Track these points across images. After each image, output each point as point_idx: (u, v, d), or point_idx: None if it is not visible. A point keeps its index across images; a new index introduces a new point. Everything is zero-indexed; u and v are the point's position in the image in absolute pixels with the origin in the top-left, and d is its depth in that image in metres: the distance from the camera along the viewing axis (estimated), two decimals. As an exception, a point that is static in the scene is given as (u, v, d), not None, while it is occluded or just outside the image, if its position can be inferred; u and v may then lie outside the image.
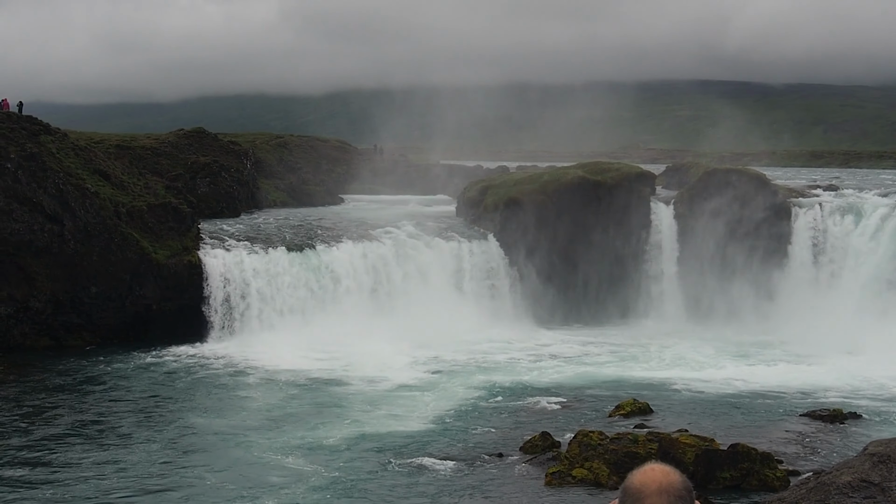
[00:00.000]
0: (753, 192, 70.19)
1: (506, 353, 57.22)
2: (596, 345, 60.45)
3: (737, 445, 34.25)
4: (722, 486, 32.95)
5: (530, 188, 71.41)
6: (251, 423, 41.58)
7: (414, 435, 39.74)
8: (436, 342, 57.19)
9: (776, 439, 39.18)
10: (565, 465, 34.27)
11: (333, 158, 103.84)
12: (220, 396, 46.60)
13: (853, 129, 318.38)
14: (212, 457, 36.97)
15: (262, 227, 69.80)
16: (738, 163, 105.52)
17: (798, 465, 35.38)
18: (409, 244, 65.85)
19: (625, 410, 42.93)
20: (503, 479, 34.40)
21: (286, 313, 60.21)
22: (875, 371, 52.00)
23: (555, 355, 57.18)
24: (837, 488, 14.53)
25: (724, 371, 52.69)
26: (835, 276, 66.53)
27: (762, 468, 33.42)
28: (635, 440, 35.42)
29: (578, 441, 35.17)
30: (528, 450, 37.27)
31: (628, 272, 69.74)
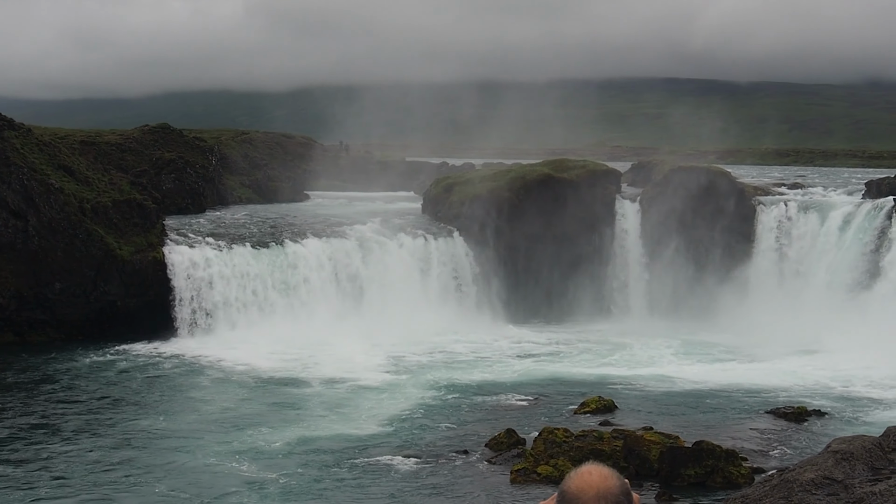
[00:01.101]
0: (718, 190, 70.35)
1: (471, 350, 57.19)
2: (561, 342, 60.48)
3: (701, 443, 34.32)
4: (686, 484, 33.00)
5: (496, 185, 71.41)
6: (204, 426, 40.76)
7: (378, 433, 39.63)
8: (401, 339, 57.12)
9: (740, 436, 39.28)
10: (530, 462, 34.27)
11: (299, 155, 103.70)
12: (175, 397, 45.92)
13: (818, 128, 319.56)
14: (158, 462, 35.82)
15: (227, 223, 69.62)
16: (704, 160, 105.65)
17: (762, 463, 35.50)
18: (374, 241, 65.73)
19: (590, 407, 42.98)
20: (468, 477, 34.37)
21: (251, 310, 60.00)
22: (839, 368, 52.21)
23: (520, 352, 57.18)
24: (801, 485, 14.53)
25: (688, 368, 52.81)
26: (799, 273, 66.74)
27: (726, 465, 33.48)
28: (600, 437, 35.47)
29: (544, 438, 35.20)
30: (493, 447, 37.26)
31: (593, 269, 69.80)
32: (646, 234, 70.51)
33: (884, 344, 53.66)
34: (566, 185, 70.61)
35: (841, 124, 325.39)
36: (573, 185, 70.69)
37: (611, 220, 71.00)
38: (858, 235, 64.49)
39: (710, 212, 69.36)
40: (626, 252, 70.85)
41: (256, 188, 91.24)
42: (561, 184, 70.67)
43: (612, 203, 71.61)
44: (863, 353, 53.39)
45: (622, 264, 70.76)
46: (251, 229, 66.73)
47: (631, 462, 34.05)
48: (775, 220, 68.48)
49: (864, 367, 51.83)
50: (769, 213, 68.85)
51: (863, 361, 52.50)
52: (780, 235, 68.11)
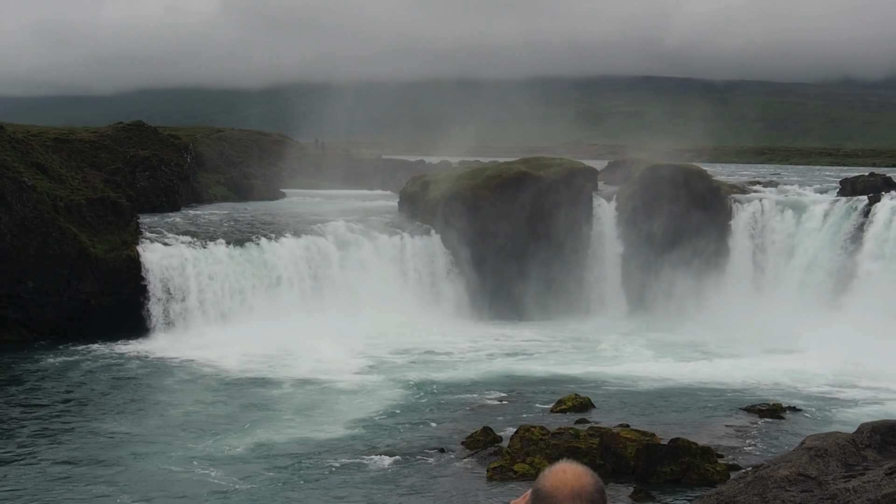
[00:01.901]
0: (694, 188, 70.47)
1: (447, 348, 57.15)
2: (537, 340, 60.50)
3: (677, 440, 34.36)
4: (662, 481, 33.02)
5: (472, 183, 71.39)
6: (170, 429, 39.97)
7: (352, 433, 39.51)
8: (377, 337, 57.04)
9: (716, 434, 39.34)
10: (507, 459, 34.25)
11: (275, 153, 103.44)
12: (142, 398, 45.19)
13: (794, 126, 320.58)
14: (118, 469, 34.70)
15: (202, 221, 69.39)
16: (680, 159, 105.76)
17: (738, 460, 35.54)
18: (350, 239, 65.62)
19: (566, 405, 42.98)
20: (445, 474, 34.34)
21: (226, 309, 59.84)
22: (814, 365, 52.37)
23: (496, 350, 57.16)
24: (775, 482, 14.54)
25: (665, 366, 52.88)
26: (775, 271, 66.89)
27: (702, 462, 33.52)
28: (577, 435, 35.48)
29: (520, 436, 35.18)
30: (469, 445, 37.23)
31: (570, 267, 69.82)
32: (622, 232, 70.60)
33: (859, 341, 53.83)
34: (543, 182, 70.61)
35: (816, 122, 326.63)
36: (550, 183, 70.69)
37: (587, 217, 71.05)
38: (833, 234, 64.68)
39: (687, 210, 69.44)
40: (602, 250, 70.92)
41: (231, 186, 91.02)
42: (537, 182, 70.66)
43: (589, 201, 71.67)
44: (838, 351, 53.55)
45: (598, 262, 70.83)
46: (226, 227, 66.52)
47: (607, 460, 34.06)
48: (751, 218, 68.63)
49: (839, 364, 51.99)
50: (745, 211, 68.98)
51: (838, 358, 52.66)
52: (756, 233, 68.24)
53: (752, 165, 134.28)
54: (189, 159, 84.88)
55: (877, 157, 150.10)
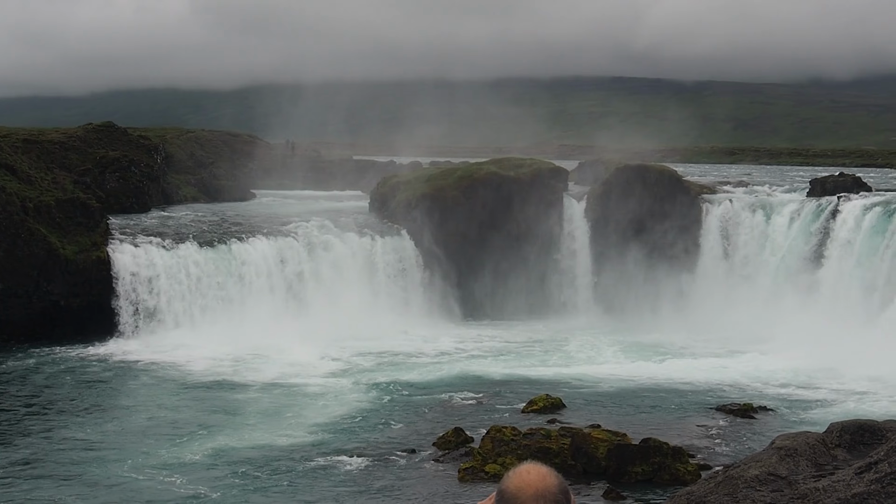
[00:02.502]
0: (665, 188, 70.66)
1: (418, 348, 57.15)
2: (508, 340, 60.54)
3: (649, 440, 34.45)
4: (634, 481, 33.10)
5: (443, 183, 71.40)
6: (134, 434, 39.33)
7: (322, 435, 39.45)
8: (347, 339, 56.93)
9: (687, 434, 39.45)
10: (478, 460, 34.27)
11: (246, 153, 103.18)
12: (107, 402, 44.62)
13: (763, 126, 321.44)
14: (77, 476, 33.92)
15: (172, 222, 69.19)
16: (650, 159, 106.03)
17: (709, 459, 35.65)
18: (321, 240, 65.51)
19: (537, 406, 43.03)
20: (416, 475, 34.35)
21: (196, 310, 59.65)
22: (785, 365, 52.58)
23: (467, 351, 57.19)
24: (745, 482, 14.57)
25: (636, 366, 52.98)
26: (745, 270, 67.09)
27: (673, 462, 33.61)
28: (548, 435, 35.51)
29: (491, 436, 35.20)
30: (440, 446, 37.24)
31: (541, 268, 69.91)
32: (593, 233, 70.74)
33: (828, 340, 54.04)
34: (513, 183, 70.69)
35: (785, 123, 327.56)
36: (520, 183, 70.77)
37: (558, 218, 71.14)
38: (803, 233, 64.88)
39: (657, 210, 69.61)
40: (573, 250, 71.04)
41: (202, 187, 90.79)
42: (508, 182, 70.74)
43: (560, 201, 71.77)
44: (808, 350, 53.74)
45: (569, 262, 70.94)
46: (196, 228, 66.32)
47: (578, 460, 34.11)
48: (721, 218, 68.82)
49: (809, 363, 52.19)
50: (715, 212, 69.16)
51: (808, 358, 52.85)
52: (726, 233, 68.44)
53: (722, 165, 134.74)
54: (159, 160, 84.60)
55: (846, 158, 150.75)
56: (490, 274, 68.65)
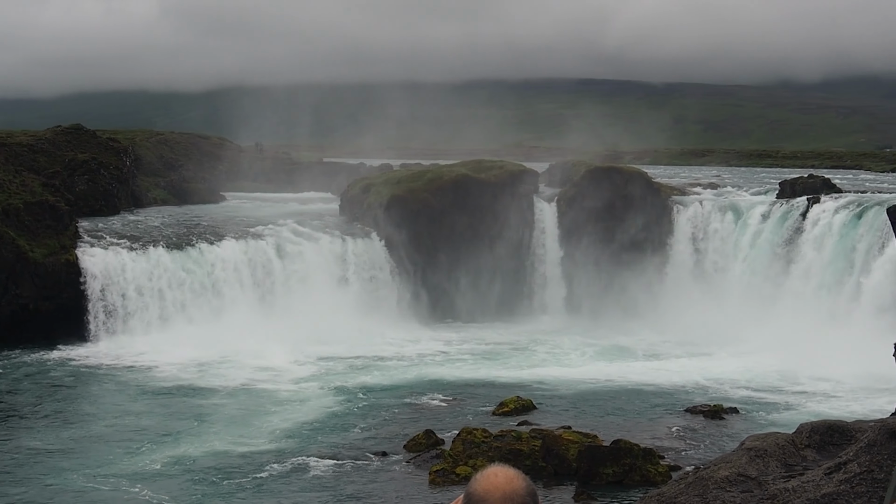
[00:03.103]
0: (635, 190, 70.79)
1: (389, 351, 57.09)
2: (480, 342, 60.54)
3: (619, 441, 34.50)
4: (605, 482, 33.14)
5: (413, 186, 71.36)
6: (96, 440, 38.59)
7: (292, 437, 39.36)
8: (318, 342, 56.79)
9: (658, 435, 39.54)
10: (449, 463, 34.26)
11: (215, 156, 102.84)
12: (71, 407, 43.98)
13: (733, 128, 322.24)
14: (34, 483, 33.16)
15: (142, 225, 68.91)
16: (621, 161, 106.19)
17: (679, 461, 35.74)
18: (291, 242, 65.39)
19: (508, 408, 43.07)
20: (387, 478, 34.32)
21: (166, 313, 59.44)
22: (754, 366, 52.76)
23: (438, 353, 57.19)
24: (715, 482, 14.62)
25: (607, 368, 53.06)
26: (716, 272, 67.30)
27: (644, 464, 33.67)
28: (519, 437, 35.54)
29: (462, 439, 35.21)
30: (411, 448, 37.23)
31: (511, 270, 69.96)
32: (563, 235, 70.81)
33: (797, 342, 54.23)
34: (484, 185, 70.71)
35: (755, 125, 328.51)
36: (491, 185, 70.81)
37: (529, 220, 71.22)
38: (773, 235, 65.10)
39: (627, 212, 69.75)
40: (544, 252, 71.10)
41: (171, 189, 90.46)
42: (479, 184, 70.76)
43: (530, 203, 71.84)
44: (777, 352, 53.93)
45: (540, 265, 71.01)
46: (166, 231, 66.11)
47: (549, 461, 34.15)
48: (691, 219, 69.02)
49: (779, 364, 52.37)
50: (685, 213, 69.36)
51: (777, 359, 53.03)
52: (697, 235, 68.63)
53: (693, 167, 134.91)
54: (128, 163, 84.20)
55: (815, 159, 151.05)
56: (460, 276, 68.61)
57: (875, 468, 13.50)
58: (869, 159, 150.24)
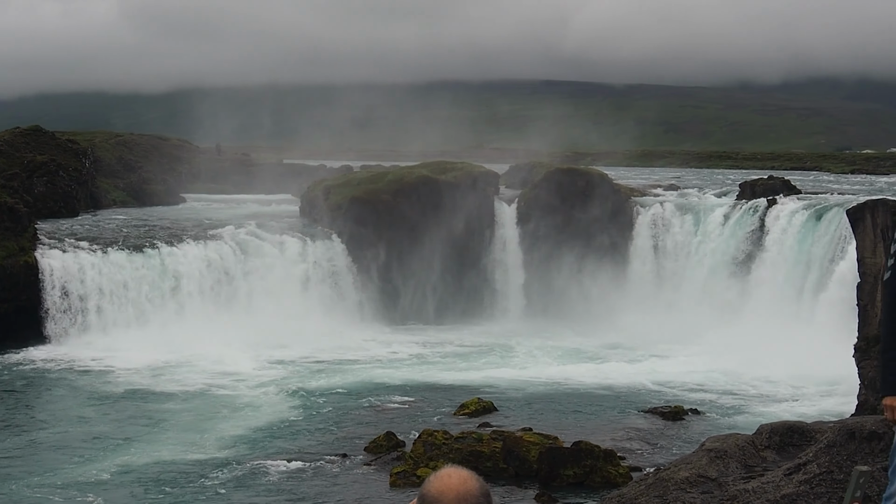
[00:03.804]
0: (596, 192, 70.88)
1: (350, 353, 56.95)
2: (440, 344, 60.52)
3: (580, 443, 34.52)
4: (565, 484, 33.14)
5: (374, 187, 71.28)
6: (40, 447, 37.48)
7: (253, 441, 39.16)
8: (278, 343, 56.61)
9: (619, 436, 39.59)
10: (410, 464, 34.21)
11: (175, 157, 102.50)
12: (20, 413, 43.02)
13: (693, 130, 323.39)
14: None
15: (101, 226, 68.61)
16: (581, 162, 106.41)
17: (640, 462, 35.79)
18: (252, 244, 65.18)
19: (469, 409, 43.05)
20: (347, 480, 34.24)
21: (125, 316, 59.10)
22: (715, 367, 52.90)
23: (399, 355, 57.12)
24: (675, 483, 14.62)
25: (567, 369, 53.10)
26: (676, 273, 67.44)
27: (605, 465, 33.69)
28: (480, 439, 35.51)
29: (423, 440, 35.15)
30: (372, 450, 37.16)
31: (473, 272, 69.97)
32: (524, 236, 70.86)
33: (757, 344, 54.39)
34: (444, 187, 70.68)
35: (715, 126, 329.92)
36: (452, 187, 70.79)
37: (489, 221, 71.24)
38: (733, 236, 65.30)
39: (588, 213, 69.84)
40: (504, 254, 71.13)
41: (131, 191, 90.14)
42: (439, 186, 70.73)
43: (491, 205, 71.87)
44: (738, 353, 54.03)
45: (501, 266, 71.02)
46: (126, 233, 65.80)
47: (510, 463, 34.13)
48: (652, 221, 69.16)
49: (739, 366, 52.51)
50: (646, 215, 69.50)
51: (737, 360, 53.15)
52: (657, 237, 68.77)
53: (653, 169, 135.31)
54: (88, 164, 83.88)
55: (775, 161, 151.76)
56: (421, 278, 68.57)
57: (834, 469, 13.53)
58: (829, 161, 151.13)
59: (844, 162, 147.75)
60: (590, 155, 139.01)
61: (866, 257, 50.16)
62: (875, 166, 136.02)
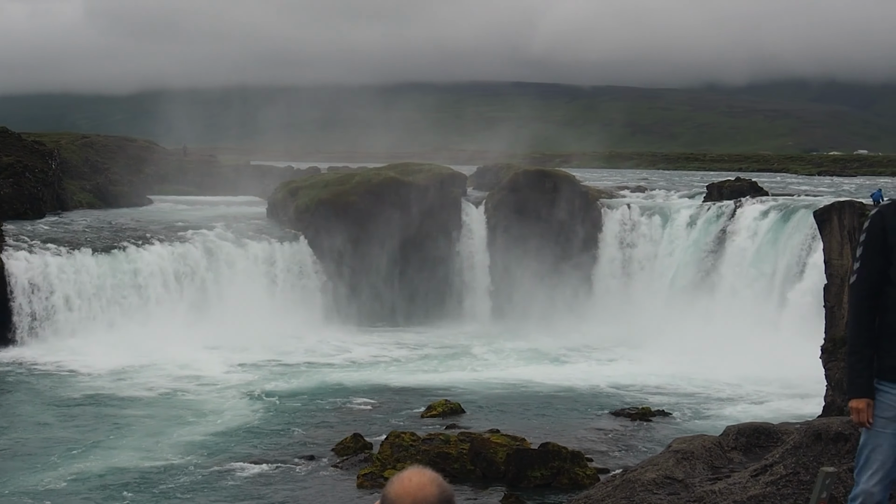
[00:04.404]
0: (563, 193, 70.98)
1: (317, 355, 56.88)
2: (408, 346, 60.48)
3: (547, 444, 34.52)
4: (533, 485, 33.13)
5: (341, 189, 71.18)
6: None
7: (220, 443, 38.95)
8: (245, 346, 56.43)
9: (586, 438, 39.64)
10: (377, 466, 34.16)
11: (141, 159, 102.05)
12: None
13: (661, 131, 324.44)
14: None
15: (67, 228, 68.22)
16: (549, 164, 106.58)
17: (607, 463, 35.84)
18: (219, 246, 64.98)
19: (437, 411, 43.05)
20: (315, 482, 34.16)
21: (93, 317, 58.82)
22: (682, 368, 53.00)
23: (367, 357, 57.06)
24: (642, 485, 14.62)
25: (534, 371, 53.15)
26: (643, 275, 67.56)
27: (572, 466, 33.70)
28: (447, 440, 35.49)
29: (390, 442, 35.09)
30: (340, 452, 37.10)
31: (440, 273, 69.96)
32: (491, 238, 70.89)
33: (724, 345, 54.52)
34: (412, 188, 70.65)
35: (683, 128, 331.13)
36: (419, 188, 70.77)
37: (456, 223, 71.25)
38: (700, 238, 65.47)
39: (556, 215, 69.94)
40: (471, 255, 71.16)
41: (98, 193, 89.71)
42: (407, 187, 70.69)
43: (458, 207, 71.87)
44: (704, 354, 54.19)
45: (468, 268, 71.05)
46: (93, 235, 65.44)
47: (478, 465, 34.10)
48: (619, 222, 69.28)
49: (706, 367, 52.63)
50: (613, 216, 69.61)
51: (704, 362, 53.29)
52: (624, 238, 68.89)
53: (620, 170, 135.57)
54: (54, 166, 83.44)
55: (742, 163, 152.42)
56: (389, 280, 68.53)
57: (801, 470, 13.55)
58: (796, 163, 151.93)
59: (811, 164, 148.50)
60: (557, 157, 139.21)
61: (833, 259, 50.39)
62: (842, 168, 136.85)
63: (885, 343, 9.08)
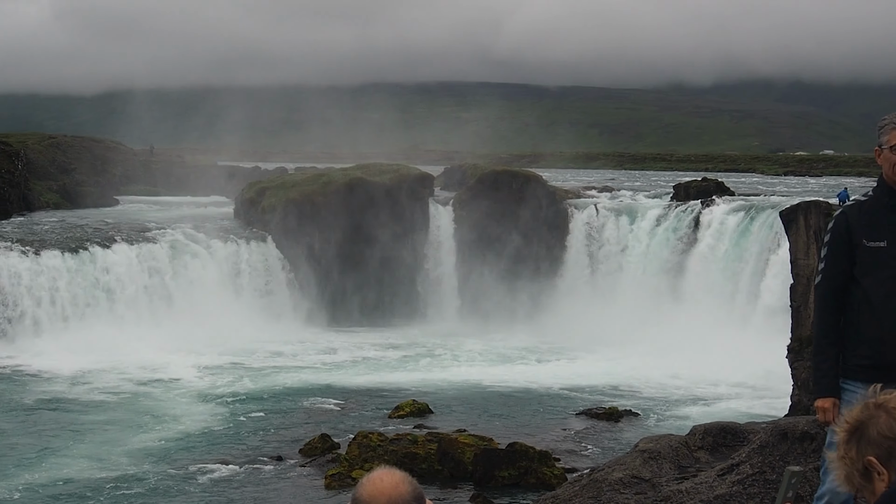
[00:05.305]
0: (530, 194, 71.05)
1: (284, 356, 56.75)
2: (375, 346, 60.40)
3: (515, 444, 34.55)
4: (501, 485, 33.12)
5: (309, 189, 71.07)
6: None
7: (186, 445, 38.74)
8: (212, 347, 56.22)
9: (553, 438, 39.69)
10: (345, 466, 34.11)
11: (108, 159, 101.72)
12: None
13: (628, 132, 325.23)
14: None
15: (34, 228, 67.90)
16: (516, 164, 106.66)
17: (575, 463, 35.87)
18: (185, 246, 64.78)
19: (404, 411, 43.02)
20: (282, 483, 34.10)
21: (58, 318, 58.48)
22: (649, 369, 53.08)
23: (334, 357, 56.98)
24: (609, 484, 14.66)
25: (502, 370, 53.17)
26: (610, 275, 67.67)
27: (540, 466, 33.73)
28: (415, 441, 35.48)
29: (358, 442, 35.06)
30: (307, 452, 37.04)
31: (407, 274, 69.92)
32: (459, 238, 70.90)
33: (691, 345, 54.64)
34: (379, 188, 70.59)
35: (649, 128, 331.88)
36: (386, 188, 70.72)
37: (424, 223, 71.23)
38: (667, 238, 65.62)
39: (523, 215, 69.98)
40: (439, 256, 71.15)
41: (64, 193, 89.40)
42: (374, 188, 70.63)
43: (425, 207, 71.85)
44: (671, 354, 54.29)
45: (435, 268, 71.03)
46: (59, 235, 65.14)
47: (445, 465, 34.10)
48: (586, 222, 69.39)
49: (672, 367, 52.74)
50: (580, 217, 69.73)
51: (671, 362, 53.39)
52: (592, 238, 69.01)
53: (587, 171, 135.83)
54: (20, 166, 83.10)
55: (708, 163, 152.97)
56: (356, 280, 68.43)
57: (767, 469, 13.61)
58: (762, 163, 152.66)
59: (777, 164, 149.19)
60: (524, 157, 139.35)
61: (799, 259, 50.59)
62: (808, 168, 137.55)
63: (850, 342, 9.12)
